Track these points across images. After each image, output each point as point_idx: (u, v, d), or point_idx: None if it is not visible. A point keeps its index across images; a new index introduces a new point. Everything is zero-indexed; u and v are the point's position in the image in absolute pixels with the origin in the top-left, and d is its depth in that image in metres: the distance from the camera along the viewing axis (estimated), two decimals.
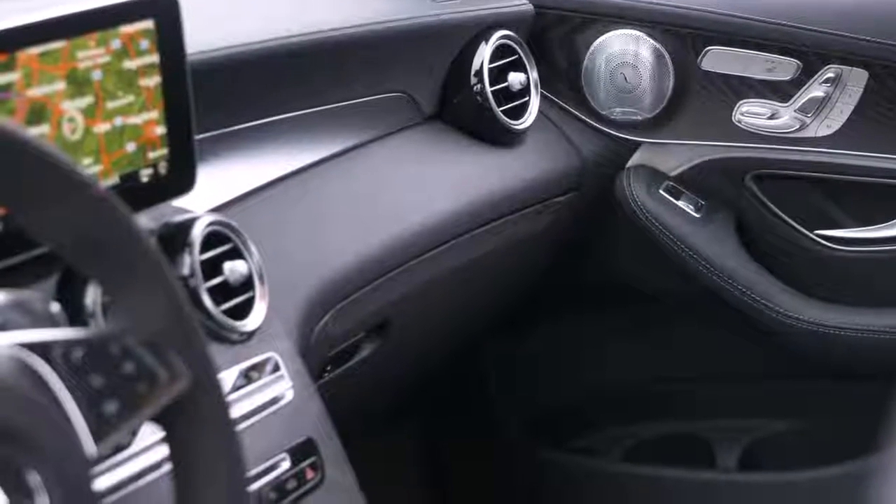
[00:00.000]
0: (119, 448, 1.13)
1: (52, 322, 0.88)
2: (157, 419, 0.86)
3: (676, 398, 2.21)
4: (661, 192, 1.95)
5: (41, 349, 0.79)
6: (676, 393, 2.21)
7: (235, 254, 1.30)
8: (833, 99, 1.83)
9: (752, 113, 1.88)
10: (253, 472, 1.23)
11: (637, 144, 1.97)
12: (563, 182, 1.93)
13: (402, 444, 2.33)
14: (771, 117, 1.87)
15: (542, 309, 2.19)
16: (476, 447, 2.33)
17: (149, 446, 1.15)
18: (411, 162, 1.73)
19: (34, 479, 0.73)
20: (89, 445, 0.80)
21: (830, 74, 1.82)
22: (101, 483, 1.09)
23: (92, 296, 1.14)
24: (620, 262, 2.10)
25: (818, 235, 1.88)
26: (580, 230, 2.03)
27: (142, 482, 1.14)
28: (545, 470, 2.24)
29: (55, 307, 0.89)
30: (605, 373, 2.28)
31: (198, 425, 0.87)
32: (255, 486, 1.23)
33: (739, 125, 1.89)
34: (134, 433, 1.12)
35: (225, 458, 0.87)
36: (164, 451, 1.14)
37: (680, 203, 1.95)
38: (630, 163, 1.98)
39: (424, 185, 1.70)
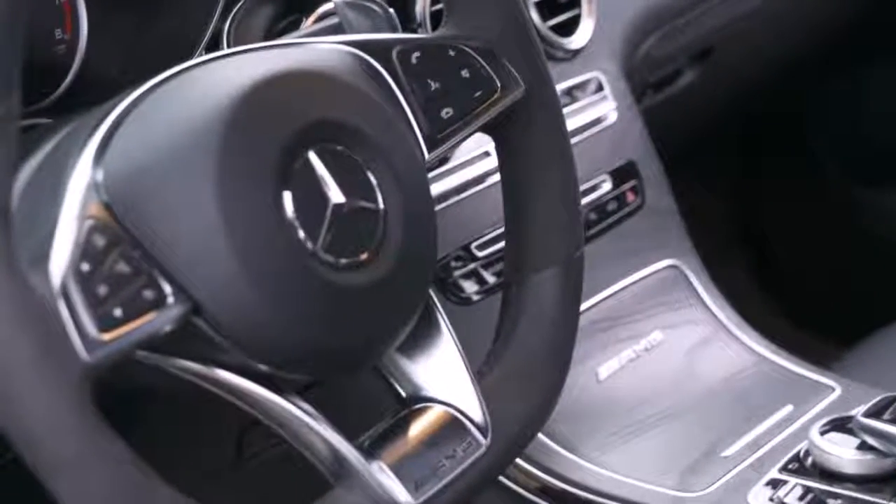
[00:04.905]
0: (441, 160, 1.14)
1: (390, 25, 0.87)
2: (490, 128, 0.85)
3: None
4: None
5: (380, 51, 0.79)
6: None
7: None
8: None
9: None
10: None
11: None
12: None
13: (719, 178, 2.29)
14: None
15: (862, 46, 2.10)
16: (791, 186, 2.28)
17: (469, 161, 1.16)
18: None
19: (371, 178, 0.73)
20: (423, 150, 0.80)
21: None
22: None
23: (422, 3, 1.13)
24: None
25: None
26: None
27: (465, 194, 1.14)
28: (861, 209, 2.18)
29: (392, 11, 0.88)
30: None
31: (531, 135, 0.86)
32: None
33: None
34: (455, 146, 1.12)
35: (558, 169, 0.86)
36: (486, 165, 1.15)
37: None
38: None
39: None
